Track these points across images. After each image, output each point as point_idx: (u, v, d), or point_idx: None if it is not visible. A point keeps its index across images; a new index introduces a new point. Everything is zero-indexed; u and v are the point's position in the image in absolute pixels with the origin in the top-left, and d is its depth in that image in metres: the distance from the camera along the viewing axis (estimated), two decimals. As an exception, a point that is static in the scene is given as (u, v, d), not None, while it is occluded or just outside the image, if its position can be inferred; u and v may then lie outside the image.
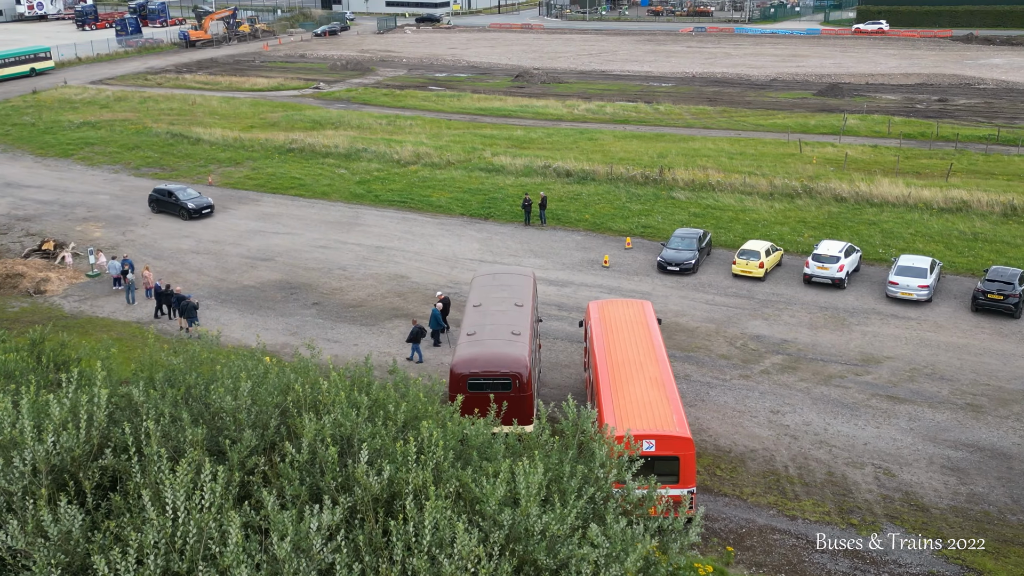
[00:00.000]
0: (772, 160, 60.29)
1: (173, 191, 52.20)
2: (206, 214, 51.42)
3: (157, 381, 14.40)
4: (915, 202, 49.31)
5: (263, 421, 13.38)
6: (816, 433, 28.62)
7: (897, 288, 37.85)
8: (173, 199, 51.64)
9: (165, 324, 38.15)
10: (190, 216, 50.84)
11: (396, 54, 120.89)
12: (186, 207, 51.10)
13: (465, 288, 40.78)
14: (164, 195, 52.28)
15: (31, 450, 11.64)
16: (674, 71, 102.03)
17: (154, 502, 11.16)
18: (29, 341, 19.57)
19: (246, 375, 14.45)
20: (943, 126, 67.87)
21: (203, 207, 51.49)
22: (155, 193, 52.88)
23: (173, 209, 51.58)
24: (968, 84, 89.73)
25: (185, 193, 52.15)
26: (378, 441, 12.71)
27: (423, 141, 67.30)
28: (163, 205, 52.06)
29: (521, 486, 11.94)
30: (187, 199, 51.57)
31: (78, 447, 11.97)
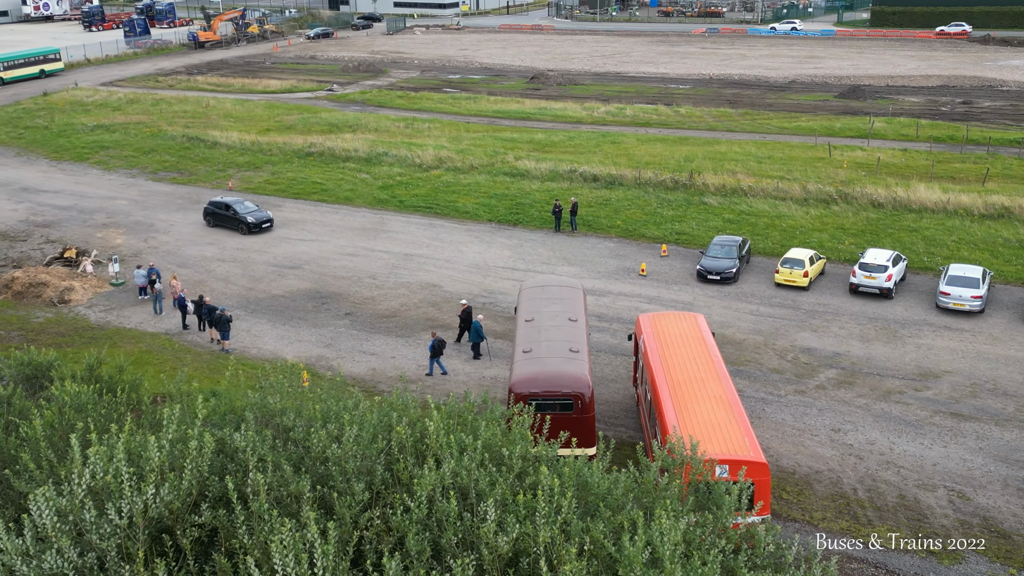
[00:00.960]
0: (802, 164, 59.17)
1: (231, 204, 49.55)
2: (266, 228, 48.75)
3: (249, 422, 13.26)
4: (954, 208, 48.22)
5: (367, 467, 12.27)
6: (882, 453, 27.53)
7: (949, 299, 36.75)
8: (231, 212, 48.98)
9: (195, 336, 37.08)
10: (249, 231, 48.20)
11: (407, 55, 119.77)
12: (245, 221, 48.44)
13: (501, 298, 39.77)
14: (221, 208, 49.58)
15: (128, 501, 10.54)
16: (690, 73, 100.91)
17: (263, 566, 10.07)
18: (86, 367, 18.39)
19: (349, 417, 13.30)
20: (972, 129, 66.74)
21: (263, 221, 48.82)
22: (211, 206, 50.12)
23: (231, 223, 48.94)
24: (991, 86, 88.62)
25: (243, 206, 49.50)
26: (498, 491, 11.60)
27: (444, 145, 66.20)
28: (220, 219, 49.40)
29: (659, 543, 10.83)
30: (246, 212, 48.88)
31: (179, 499, 10.87)
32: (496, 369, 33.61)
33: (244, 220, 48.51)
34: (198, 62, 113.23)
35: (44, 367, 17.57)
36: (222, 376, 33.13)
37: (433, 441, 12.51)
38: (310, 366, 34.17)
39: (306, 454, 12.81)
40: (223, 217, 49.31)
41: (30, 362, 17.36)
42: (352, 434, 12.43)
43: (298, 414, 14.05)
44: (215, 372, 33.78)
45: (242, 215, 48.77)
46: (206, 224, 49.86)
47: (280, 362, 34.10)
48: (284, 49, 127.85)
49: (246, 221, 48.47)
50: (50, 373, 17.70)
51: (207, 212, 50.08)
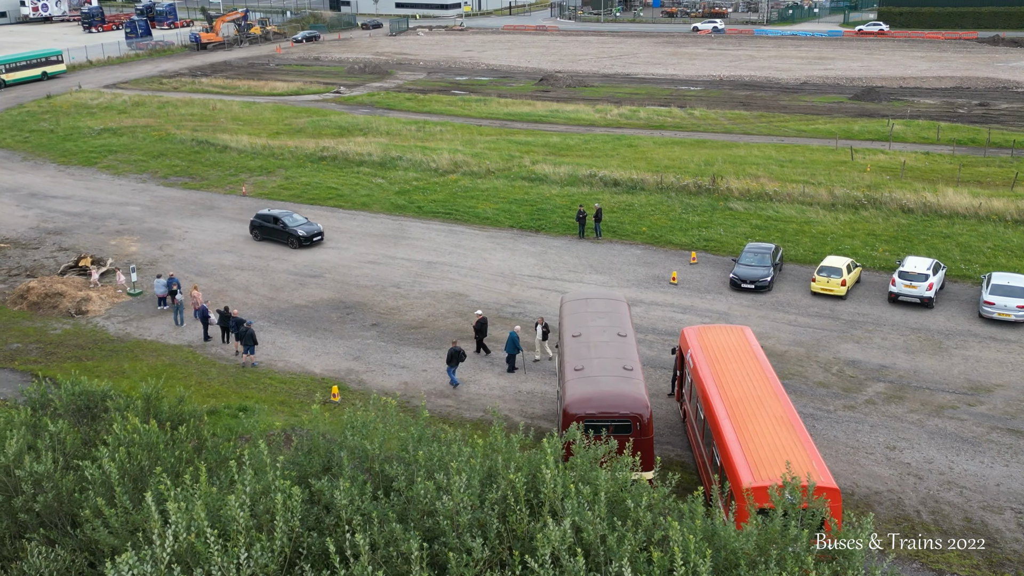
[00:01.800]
0: (824, 168, 58.24)
1: (279, 217, 47.19)
2: (316, 242, 46.60)
3: (344, 468, 12.22)
4: (986, 213, 47.32)
5: (481, 520, 11.24)
6: (941, 472, 26.58)
7: (993, 308, 35.82)
8: (280, 226, 46.70)
9: (219, 348, 36.00)
10: (300, 244, 46.04)
11: (412, 57, 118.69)
12: (295, 235, 46.20)
13: (529, 307, 38.76)
14: (269, 221, 47.30)
15: (219, 566, 9.51)
16: (699, 74, 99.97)
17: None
18: (143, 396, 17.31)
19: (457, 465, 12.25)
20: (994, 132, 65.86)
21: (313, 235, 46.56)
22: (258, 219, 47.78)
23: (280, 237, 46.74)
24: (1006, 88, 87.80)
25: (292, 219, 47.21)
26: (627, 548, 10.57)
27: (458, 148, 65.17)
28: (268, 232, 47.20)
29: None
30: (295, 226, 46.64)
31: (273, 561, 9.84)
32: (532, 383, 32.61)
33: (294, 234, 46.23)
34: (201, 64, 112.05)
35: (98, 397, 16.48)
36: (250, 391, 32.21)
37: (549, 490, 11.46)
38: (339, 380, 33.17)
39: (409, 505, 11.76)
40: (271, 231, 47.10)
41: (82, 392, 16.28)
42: (462, 483, 11.39)
43: (399, 460, 12.92)
44: (242, 386, 32.75)
45: (292, 228, 46.47)
46: (253, 238, 47.59)
47: (308, 377, 33.20)
48: (287, 51, 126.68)
49: (296, 235, 46.18)
50: (105, 403, 16.59)
51: (254, 225, 47.73)
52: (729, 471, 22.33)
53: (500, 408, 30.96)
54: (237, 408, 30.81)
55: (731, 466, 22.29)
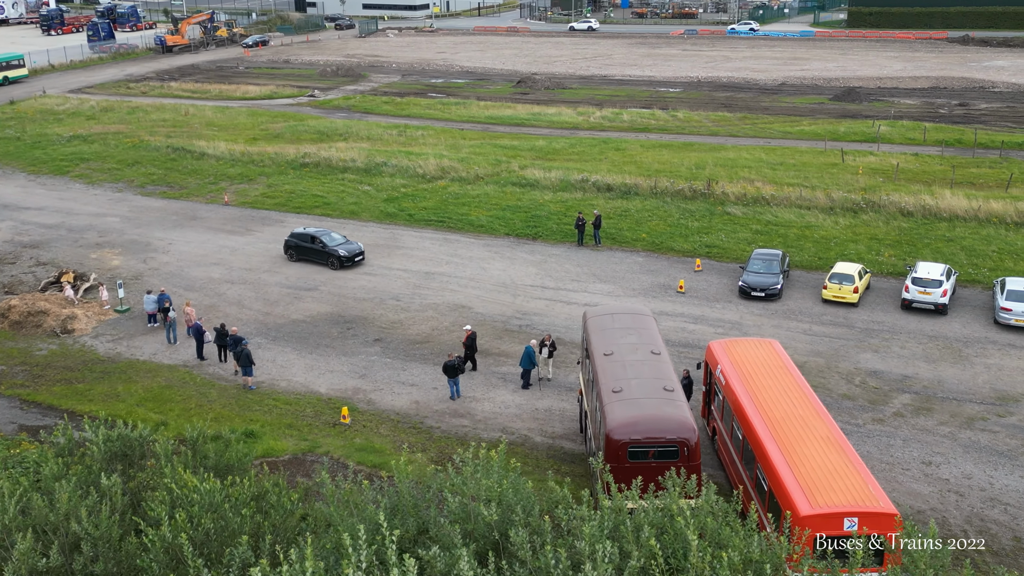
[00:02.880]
0: (816, 171, 57.78)
1: (316, 236, 44.14)
2: (358, 262, 43.91)
3: (455, 539, 10.97)
4: (986, 216, 47.02)
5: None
6: (982, 488, 25.85)
7: (1010, 315, 35.30)
8: (319, 245, 43.77)
9: (216, 367, 34.41)
10: (341, 265, 43.23)
11: (384, 59, 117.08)
12: (336, 255, 43.23)
13: (536, 319, 37.63)
14: (306, 241, 44.29)
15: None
16: (677, 75, 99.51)
17: None
18: (188, 440, 15.80)
19: (590, 530, 11.04)
20: (980, 133, 65.90)
21: (355, 254, 43.76)
22: (293, 239, 44.73)
23: (318, 257, 43.81)
24: (982, 87, 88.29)
25: (331, 238, 44.19)
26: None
27: (443, 153, 63.87)
28: (304, 252, 44.25)
29: None
30: (336, 245, 43.67)
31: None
32: (549, 400, 31.48)
33: (335, 254, 43.31)
34: (168, 67, 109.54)
35: (137, 443, 15.04)
36: (254, 413, 30.76)
37: (696, 559, 10.30)
38: (347, 400, 31.77)
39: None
40: (308, 251, 44.15)
41: (118, 437, 14.84)
42: (603, 552, 10.20)
43: (524, 524, 11.69)
44: (245, 409, 31.25)
45: (332, 248, 43.52)
46: (288, 259, 44.63)
47: (313, 397, 31.76)
48: (256, 53, 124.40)
49: (337, 255, 43.28)
50: (143, 449, 15.15)
51: (289, 245, 44.75)
52: (781, 496, 21.34)
53: (518, 427, 29.79)
54: (243, 432, 29.28)
55: (783, 491, 21.31)
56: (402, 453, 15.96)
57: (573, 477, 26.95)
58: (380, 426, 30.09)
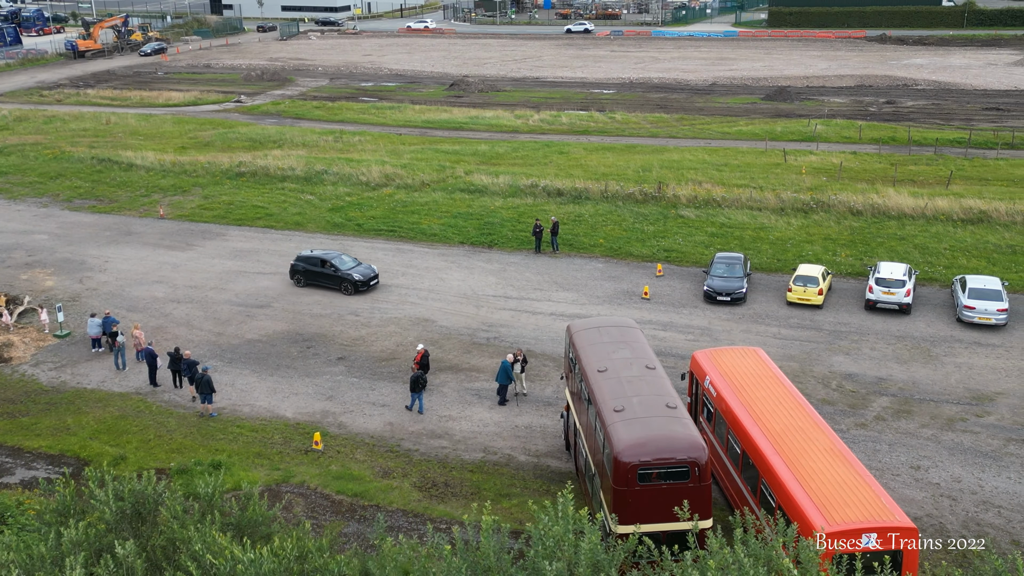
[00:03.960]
0: (761, 171, 58.13)
1: (327, 259, 40.99)
2: (373, 286, 40.89)
3: None
4: (933, 213, 47.77)
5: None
6: (973, 492, 25.84)
7: (974, 313, 35.69)
8: (330, 269, 40.63)
9: (172, 394, 32.52)
10: (356, 290, 40.26)
11: (309, 62, 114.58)
12: (351, 280, 40.22)
13: (504, 331, 36.67)
14: (314, 264, 41.10)
15: None
16: (608, 77, 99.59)
17: None
18: (202, 496, 14.36)
19: None
20: (914, 130, 67.29)
21: (370, 278, 40.73)
22: (301, 263, 41.42)
23: (330, 282, 40.66)
24: (906, 85, 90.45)
25: (342, 261, 41.10)
26: None
27: (384, 160, 62.39)
28: (313, 277, 41.05)
29: None
30: (349, 269, 40.64)
31: None
32: (528, 416, 30.54)
33: (349, 279, 40.29)
34: (82, 73, 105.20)
35: (151, 500, 13.55)
36: (219, 443, 29.12)
37: None
38: (317, 425, 30.31)
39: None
40: (318, 275, 40.97)
41: (130, 493, 13.33)
42: None
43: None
44: (208, 438, 29.55)
45: (346, 273, 40.45)
46: (295, 284, 41.47)
47: (280, 423, 30.22)
48: (174, 57, 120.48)
49: (352, 280, 40.28)
50: (158, 506, 13.68)
51: (296, 270, 41.42)
52: (793, 513, 20.78)
53: (500, 447, 28.79)
54: (209, 464, 27.66)
55: (795, 508, 20.76)
56: (481, 507, 14.55)
57: (564, 497, 26.12)
58: (355, 451, 28.74)
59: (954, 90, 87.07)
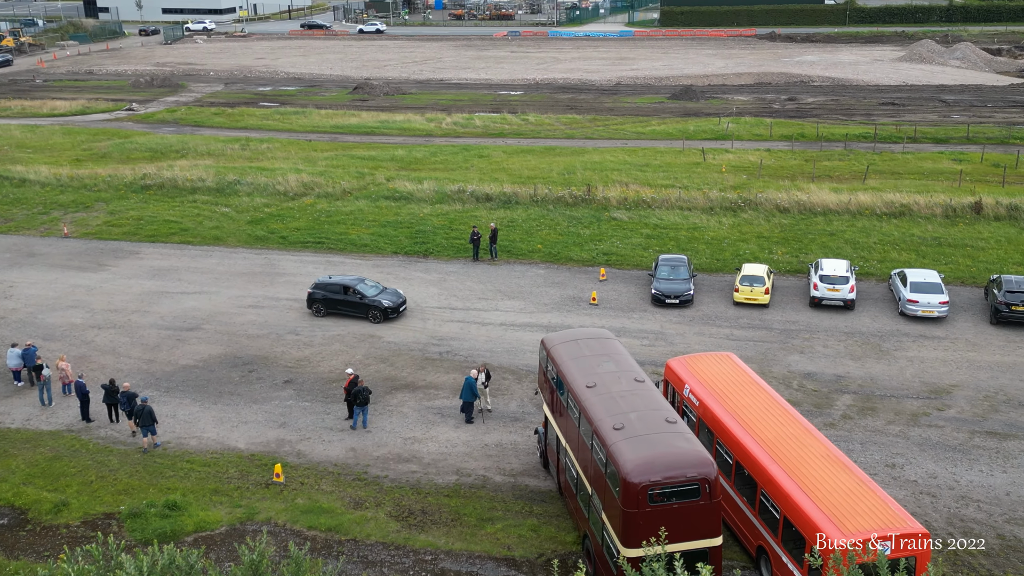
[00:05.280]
0: (682, 171, 58.49)
1: (349, 285, 37.80)
2: (403, 312, 38.02)
3: None
4: (856, 208, 48.83)
5: None
6: (950, 487, 26.11)
7: (917, 306, 36.42)
8: (355, 297, 37.55)
9: (108, 430, 30.11)
10: (385, 318, 37.37)
11: (199, 67, 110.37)
12: (380, 307, 37.22)
13: (456, 344, 35.49)
14: (335, 292, 37.85)
15: None
16: (513, 78, 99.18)
17: None
18: (247, 567, 12.73)
19: None
20: (821, 126, 69.00)
21: (399, 304, 37.81)
22: (320, 291, 38.03)
23: (355, 310, 37.60)
24: (803, 82, 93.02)
25: (366, 286, 38.00)
26: None
27: (299, 168, 60.18)
28: (335, 306, 37.87)
29: None
30: (376, 295, 37.65)
31: None
32: (497, 434, 29.47)
33: (378, 306, 37.25)
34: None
35: (195, 571, 11.89)
36: (169, 480, 27.08)
37: None
38: (274, 455, 28.50)
39: None
40: (340, 303, 37.83)
41: (171, 564, 11.63)
42: None
43: None
44: (157, 476, 27.42)
45: (374, 300, 37.43)
46: (313, 313, 38.24)
47: (233, 455, 28.30)
48: (52, 64, 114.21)
49: (381, 307, 37.24)
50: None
51: (315, 299, 38.07)
52: (803, 524, 20.42)
53: (473, 468, 27.64)
54: (163, 505, 25.63)
55: (804, 519, 20.39)
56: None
57: (548, 518, 25.26)
58: (320, 481, 27.11)
59: (848, 86, 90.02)
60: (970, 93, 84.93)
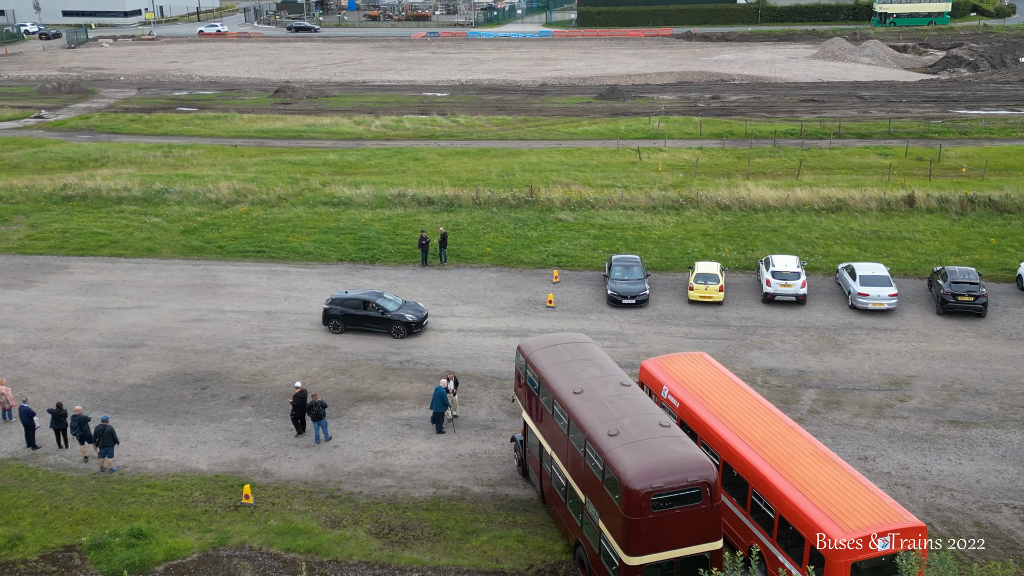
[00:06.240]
0: (620, 170, 58.73)
1: (368, 300, 36.17)
2: (426, 326, 36.61)
3: None
4: (795, 204, 49.70)
5: None
6: (923, 477, 26.59)
7: (868, 299, 37.14)
8: (376, 311, 35.94)
9: (58, 456, 28.46)
10: (409, 332, 35.82)
11: (108, 72, 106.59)
12: (403, 321, 35.59)
13: (416, 353, 34.71)
14: (355, 307, 36.15)
15: None
16: (437, 79, 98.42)
17: None
18: None
19: None
20: (749, 124, 70.17)
21: (423, 317, 36.38)
22: (338, 307, 36.27)
23: (377, 325, 35.96)
24: (723, 81, 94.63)
25: (386, 300, 36.44)
26: None
27: (229, 174, 58.40)
28: (355, 322, 36.12)
29: None
30: (398, 310, 36.08)
31: None
32: (470, 443, 28.87)
33: (401, 320, 35.62)
34: None
35: None
36: (131, 507, 25.76)
37: None
38: (239, 475, 27.36)
39: None
40: (360, 318, 36.13)
41: None
42: None
43: None
44: (116, 503, 26.04)
45: (397, 314, 35.79)
46: (330, 330, 36.52)
47: (196, 477, 27.07)
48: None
49: (404, 321, 35.63)
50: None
51: (331, 315, 36.28)
52: (801, 524, 20.42)
53: (450, 479, 26.99)
54: (128, 534, 24.31)
55: (803, 519, 20.39)
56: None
57: (533, 527, 24.82)
58: (292, 501, 26.10)
59: (768, 84, 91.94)
60: (884, 89, 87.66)
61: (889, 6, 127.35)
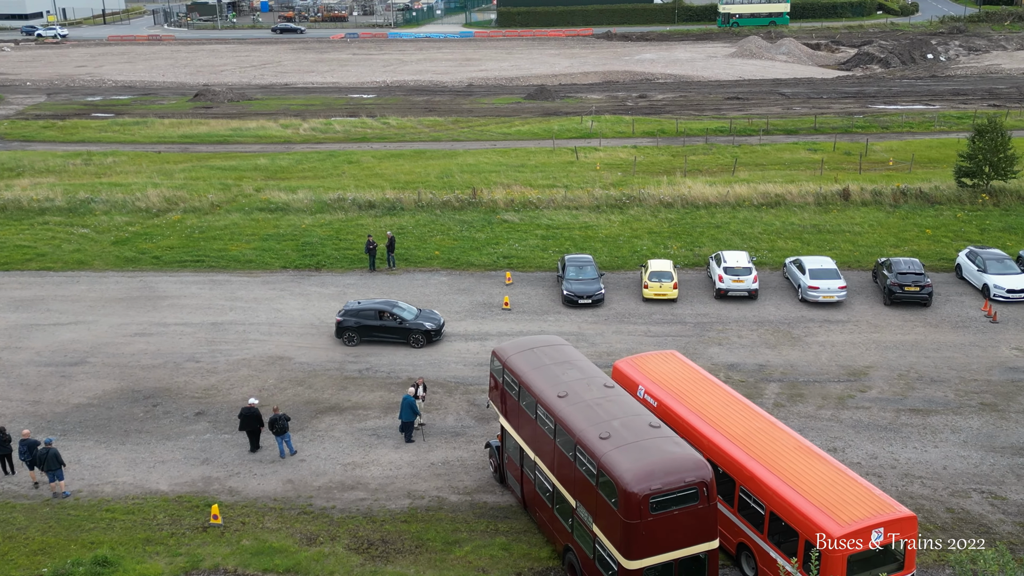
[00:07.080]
0: (558, 170, 58.72)
1: (384, 309, 35.02)
2: (443, 335, 35.64)
3: None
4: (735, 200, 50.37)
5: None
6: (892, 466, 27.06)
7: (819, 292, 37.77)
8: (393, 321, 34.80)
9: (6, 483, 26.87)
10: (428, 341, 34.79)
11: (13, 77, 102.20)
12: (421, 330, 34.61)
13: (374, 360, 34.07)
14: (370, 318, 34.90)
15: None
16: (362, 81, 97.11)
17: None
18: None
19: None
20: (680, 123, 70.97)
21: (441, 326, 35.38)
22: (351, 318, 34.97)
23: (394, 335, 34.82)
24: (648, 80, 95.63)
25: (402, 309, 35.34)
26: None
27: (156, 181, 56.46)
28: (371, 333, 34.89)
29: None
30: (416, 319, 35.02)
31: None
32: (441, 451, 28.29)
33: (419, 329, 34.61)
34: None
35: None
36: (91, 534, 24.50)
37: None
38: (203, 495, 26.24)
39: None
40: (376, 329, 34.88)
41: None
42: None
43: None
44: (75, 529, 24.72)
45: (415, 323, 34.77)
46: (345, 342, 35.09)
47: (157, 498, 25.89)
48: None
49: (423, 330, 34.65)
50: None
51: (345, 327, 34.91)
52: (795, 520, 20.48)
53: (425, 489, 26.38)
54: (92, 562, 23.06)
55: (797, 514, 20.44)
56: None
57: (516, 534, 24.40)
58: (263, 519, 25.13)
59: (692, 82, 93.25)
60: (804, 86, 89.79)
61: (732, 7, 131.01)
